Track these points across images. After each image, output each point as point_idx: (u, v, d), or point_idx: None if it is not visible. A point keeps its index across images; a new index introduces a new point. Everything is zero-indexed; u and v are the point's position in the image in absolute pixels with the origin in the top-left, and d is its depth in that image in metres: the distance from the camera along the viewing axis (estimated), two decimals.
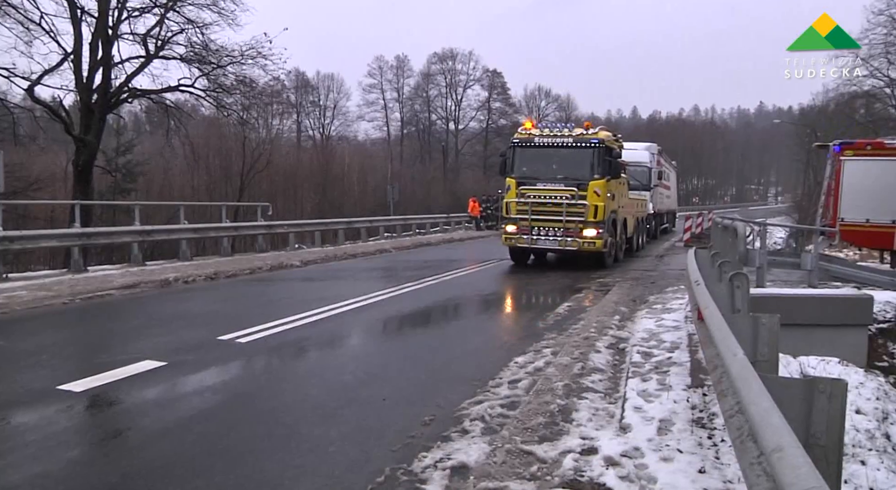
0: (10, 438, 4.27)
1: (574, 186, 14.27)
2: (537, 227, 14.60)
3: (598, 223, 14.21)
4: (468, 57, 67.34)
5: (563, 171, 14.67)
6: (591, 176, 14.29)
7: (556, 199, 14.42)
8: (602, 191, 14.23)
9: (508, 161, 15.17)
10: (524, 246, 14.92)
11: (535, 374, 5.84)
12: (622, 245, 16.56)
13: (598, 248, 14.27)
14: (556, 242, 14.48)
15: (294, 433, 4.40)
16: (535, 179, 14.71)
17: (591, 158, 14.37)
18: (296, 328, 7.80)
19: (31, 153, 26.86)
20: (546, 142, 14.81)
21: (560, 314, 8.96)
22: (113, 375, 5.58)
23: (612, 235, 15.01)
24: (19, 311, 8.73)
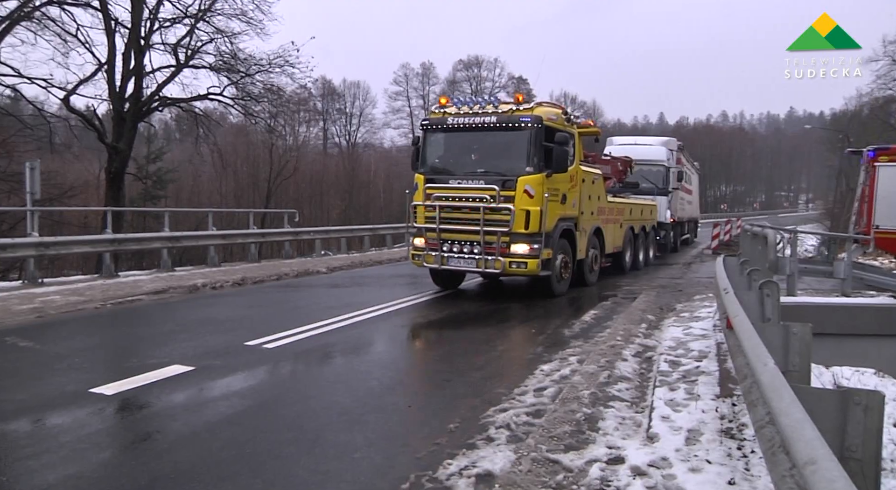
0: (45, 439, 4.36)
1: (496, 184, 10.09)
2: (449, 241, 10.59)
3: (530, 236, 10.07)
4: (493, 64, 67.40)
5: (485, 162, 10.69)
6: (521, 169, 10.14)
7: (471, 201, 10.29)
8: (537, 190, 10.05)
9: (420, 151, 11.27)
10: (433, 266, 10.95)
11: (560, 381, 5.79)
12: (593, 264, 12.72)
13: (530, 270, 10.13)
14: (473, 262, 10.36)
15: (319, 439, 4.42)
16: (449, 175, 10.76)
17: (521, 144, 10.20)
18: (322, 334, 7.85)
19: (66, 161, 27.54)
20: (462, 123, 10.64)
21: (586, 322, 8.89)
22: (143, 379, 5.67)
23: (564, 252, 11.11)
24: (53, 315, 8.92)
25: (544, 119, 10.28)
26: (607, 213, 13.46)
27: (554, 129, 10.48)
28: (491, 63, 67.50)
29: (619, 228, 14.43)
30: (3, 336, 7.51)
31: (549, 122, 10.42)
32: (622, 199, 15.05)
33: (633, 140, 22.78)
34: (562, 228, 10.91)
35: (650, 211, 17.36)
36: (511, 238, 10.12)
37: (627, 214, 15.06)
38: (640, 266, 16.18)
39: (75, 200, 22.64)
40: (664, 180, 19.93)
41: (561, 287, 11.15)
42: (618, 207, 14.36)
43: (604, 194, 13.27)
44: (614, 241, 14.11)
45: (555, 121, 10.65)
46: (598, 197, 12.79)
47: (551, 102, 11.61)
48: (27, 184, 12.68)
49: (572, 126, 11.45)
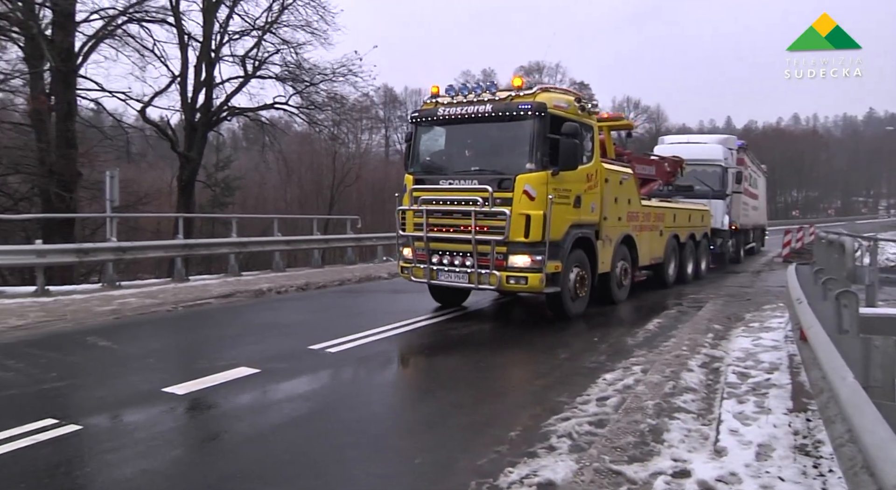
0: (122, 435, 4.56)
1: (491, 184, 8.53)
2: (439, 252, 9.12)
3: (531, 245, 8.41)
4: (555, 69, 66.86)
5: (480, 159, 9.20)
6: (520, 166, 8.54)
7: (461, 205, 8.75)
8: (540, 190, 8.43)
9: (410, 148, 9.93)
10: (421, 281, 9.50)
11: (624, 391, 5.67)
12: (622, 278, 11.02)
13: (531, 286, 8.50)
14: (465, 276, 8.82)
15: (380, 443, 4.46)
16: (440, 174, 9.27)
17: (521, 136, 8.67)
18: (383, 339, 7.94)
19: (141, 170, 28.82)
20: (453, 114, 9.12)
21: (650, 331, 8.68)
22: (212, 380, 5.86)
23: (580, 265, 9.40)
24: (130, 316, 9.34)
25: (549, 106, 8.64)
26: (641, 218, 11.69)
27: (562, 118, 8.79)
28: (552, 69, 67.05)
29: (658, 237, 12.62)
30: (86, 335, 7.92)
31: (556, 110, 8.78)
32: (663, 204, 13.22)
33: (686, 138, 20.85)
34: (575, 237, 9.17)
35: (701, 217, 15.32)
36: (508, 248, 8.46)
37: (670, 221, 13.20)
38: (687, 279, 14.28)
39: (149, 207, 23.66)
40: (721, 182, 17.54)
41: (577, 306, 9.42)
42: (656, 212, 12.49)
43: (636, 197, 11.49)
44: (652, 252, 12.36)
45: (564, 109, 8.99)
46: (627, 200, 11.02)
47: (561, 88, 9.81)
48: (107, 191, 13.34)
49: (589, 116, 9.72)
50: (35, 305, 9.78)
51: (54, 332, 8.19)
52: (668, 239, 13.13)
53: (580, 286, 9.43)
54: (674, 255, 13.63)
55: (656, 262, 12.69)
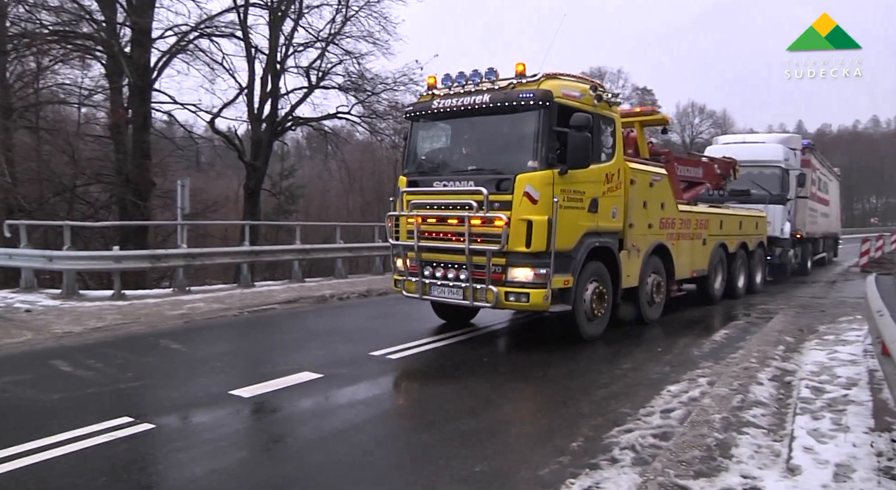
0: (191, 435, 4.73)
1: (488, 185, 7.46)
2: (431, 264, 8.11)
3: (534, 256, 7.31)
4: (617, 75, 65.84)
5: (478, 156, 8.20)
6: (521, 163, 7.46)
7: (455, 210, 7.73)
8: (543, 192, 7.30)
9: (406, 147, 9.06)
10: (413, 296, 8.39)
11: (689, 404, 5.51)
12: (654, 293, 9.66)
13: (533, 304, 7.36)
14: (460, 291, 7.79)
15: (439, 451, 4.47)
16: (434, 176, 8.21)
17: (522, 130, 7.67)
18: (444, 346, 7.96)
19: (210, 178, 29.97)
20: (449, 106, 8.08)
21: (716, 342, 8.41)
22: (276, 384, 6.01)
23: (598, 279, 8.20)
24: (198, 320, 9.68)
25: (555, 95, 7.50)
26: (679, 226, 10.35)
27: (571, 108, 7.65)
28: (614, 74, 66.04)
29: (700, 246, 11.25)
30: (158, 338, 8.26)
31: (564, 99, 7.66)
32: (706, 209, 11.89)
33: (742, 138, 19.04)
34: (591, 246, 7.95)
35: (755, 224, 13.78)
36: (507, 260, 7.38)
37: (715, 228, 11.82)
38: (738, 294, 13.00)
39: (217, 215, 24.51)
40: (780, 185, 15.72)
41: (593, 328, 8.20)
42: (698, 219, 11.13)
43: (671, 201, 10.13)
44: (693, 263, 11.02)
45: (575, 98, 7.84)
46: (660, 204, 9.69)
47: (573, 75, 8.30)
48: (178, 200, 13.92)
49: (609, 108, 8.48)
50: (112, 308, 10.26)
51: (130, 334, 8.57)
52: (714, 249, 11.77)
53: (597, 304, 8.17)
54: (721, 266, 12.27)
55: (699, 274, 11.38)
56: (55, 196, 18.88)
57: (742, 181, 14.73)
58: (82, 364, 6.76)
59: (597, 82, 8.48)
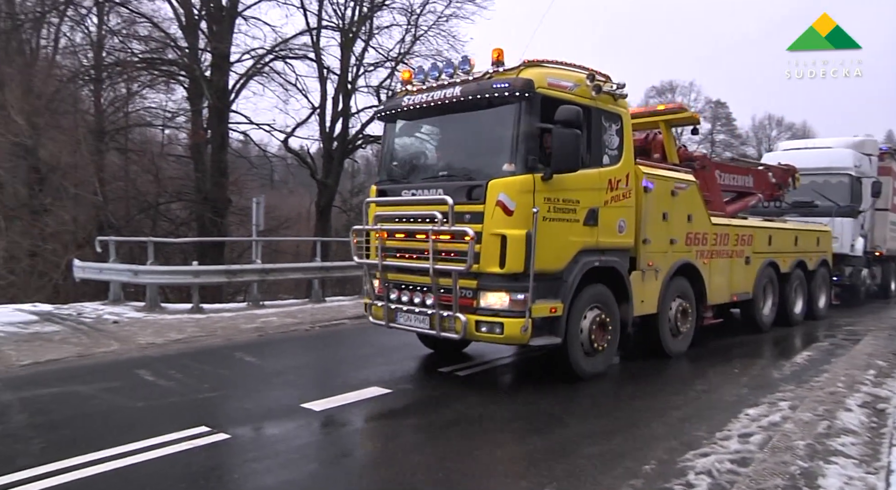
0: (265, 446, 4.86)
1: (457, 193, 6.32)
2: (398, 286, 7.02)
3: (511, 279, 6.12)
4: (689, 88, 64.17)
5: (449, 160, 7.13)
6: (494, 167, 6.33)
7: (420, 223, 6.60)
8: (520, 200, 6.10)
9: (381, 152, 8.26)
10: (380, 323, 7.26)
11: (769, 428, 5.25)
12: (680, 322, 8.22)
13: (509, 336, 6.12)
14: (426, 319, 6.64)
15: (507, 470, 4.42)
16: (404, 183, 7.20)
17: (496, 127, 6.55)
18: (512, 363, 7.91)
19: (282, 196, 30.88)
20: (417, 103, 7.01)
21: (798, 364, 8.00)
22: (346, 398, 6.09)
23: (599, 305, 6.92)
24: (271, 334, 9.97)
25: (538, 85, 6.31)
26: (712, 241, 8.88)
27: (559, 100, 6.38)
28: (686, 87, 64.43)
29: (742, 265, 9.73)
30: (233, 351, 8.55)
31: (552, 90, 6.46)
32: (748, 222, 10.24)
33: (804, 143, 17.21)
34: (587, 266, 6.66)
35: (816, 239, 12.04)
36: (479, 282, 6.22)
37: (762, 244, 10.25)
38: (794, 320, 11.27)
39: (290, 231, 25.24)
40: (850, 196, 13.77)
41: (594, 364, 6.92)
42: (738, 233, 9.58)
43: (702, 212, 8.67)
44: (732, 285, 9.49)
45: (565, 89, 6.61)
46: (686, 217, 8.33)
47: (566, 63, 6.94)
48: (253, 217, 14.42)
49: (613, 101, 7.16)
50: (191, 321, 10.70)
51: (207, 346, 8.91)
52: (761, 268, 10.17)
53: (599, 335, 6.87)
54: (770, 289, 10.60)
55: (741, 298, 9.79)
56: (140, 213, 19.93)
57: (804, 191, 13.34)
58: (164, 374, 7.07)
59: (596, 71, 6.99)
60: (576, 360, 6.74)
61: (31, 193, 16.89)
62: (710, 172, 9.87)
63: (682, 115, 9.57)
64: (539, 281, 6.14)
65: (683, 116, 9.61)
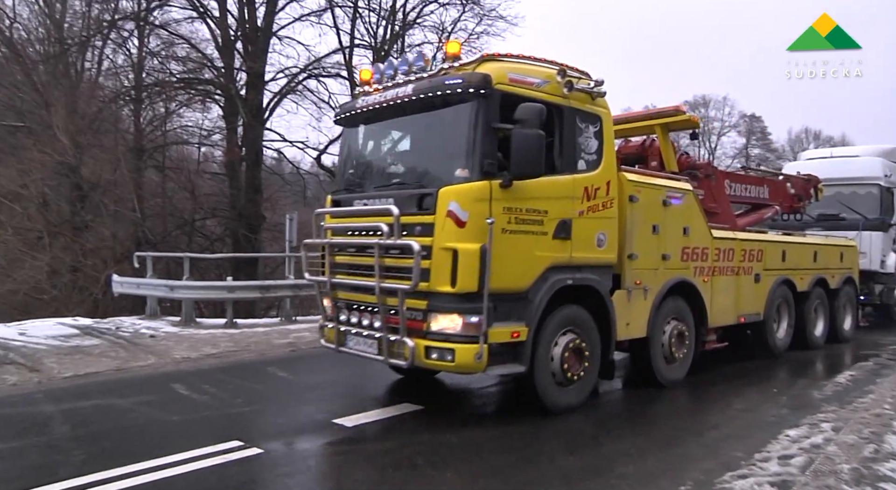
0: (296, 462, 4.89)
1: (407, 203, 5.77)
2: (348, 306, 6.44)
3: (462, 299, 5.42)
4: (722, 102, 63.43)
5: (402, 165, 6.58)
6: (445, 173, 5.71)
7: (363, 236, 6.09)
8: (474, 210, 5.44)
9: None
10: (330, 346, 6.71)
11: (811, 451, 5.10)
12: (675, 347, 7.43)
13: (461, 364, 5.43)
14: (374, 344, 6.01)
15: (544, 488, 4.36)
16: (358, 192, 6.59)
17: (451, 128, 5.87)
18: None
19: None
20: (372, 104, 6.42)
21: (840, 384, 7.77)
22: (377, 414, 6.11)
23: (575, 329, 6.19)
24: (304, 349, 10.04)
25: (496, 80, 5.63)
26: (713, 257, 8.09)
27: (519, 97, 5.70)
28: (719, 102, 63.70)
29: (751, 283, 8.86)
30: (266, 365, 8.64)
31: (511, 86, 5.77)
32: (757, 236, 9.34)
33: (829, 151, 16.19)
34: (558, 285, 5.95)
35: (839, 255, 11.04)
36: (429, 302, 5.53)
37: (775, 260, 9.37)
38: (814, 343, 10.33)
39: None
40: (880, 207, 12.71)
41: (567, 396, 6.15)
42: (745, 248, 8.73)
43: (700, 225, 7.91)
44: (739, 305, 8.64)
45: (530, 86, 5.92)
46: (681, 229, 7.58)
47: (533, 57, 6.23)
48: (286, 233, 14.61)
49: (590, 100, 6.43)
50: (225, 336, 10.85)
51: (240, 360, 9.02)
52: (773, 287, 9.27)
53: (574, 363, 6.10)
54: (786, 309, 9.76)
55: (751, 320, 8.91)
56: (177, 229, 20.37)
57: (829, 203, 12.45)
58: (198, 388, 7.16)
59: (568, 66, 6.30)
60: (545, 392, 5.98)
61: (73, 210, 17.40)
62: (718, 182, 9.26)
63: (678, 119, 8.72)
64: (499, 301, 5.51)
65: (680, 120, 8.78)
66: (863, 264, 12.08)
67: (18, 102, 17.97)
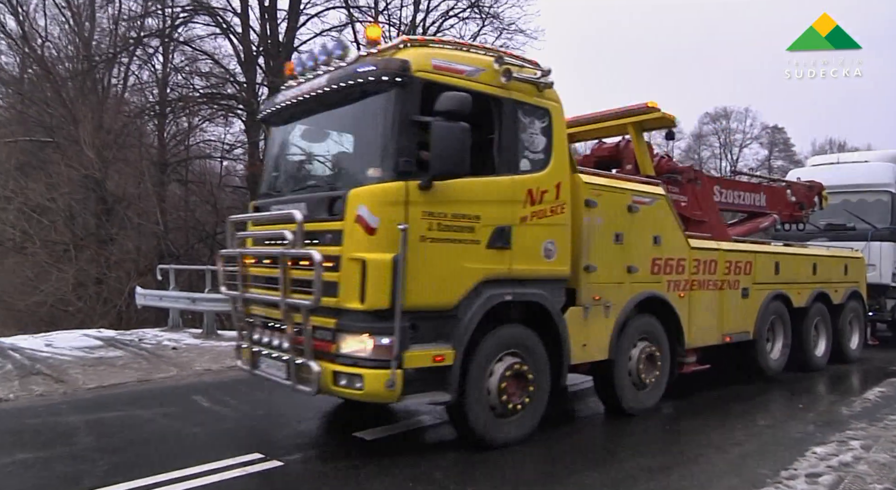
0: (316, 475, 4.91)
1: (318, 207, 5.15)
2: (260, 323, 5.80)
3: (375, 316, 4.72)
4: (744, 114, 62.93)
5: (318, 166, 6.28)
6: (356, 173, 5.24)
7: (269, 246, 5.54)
8: (386, 215, 4.76)
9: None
10: (245, 369, 6.11)
11: (840, 469, 4.98)
12: (643, 372, 6.61)
13: (369, 392, 4.71)
14: (283, 367, 5.32)
15: None
16: (276, 197, 5.98)
17: (368, 122, 5.24)
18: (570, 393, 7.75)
19: None
20: (288, 99, 5.84)
21: (870, 400, 7.60)
22: (397, 428, 6.11)
23: (517, 352, 5.43)
24: None
25: (416, 67, 4.96)
26: (690, 269, 7.24)
27: (445, 86, 5.01)
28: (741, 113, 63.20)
29: (738, 299, 8.00)
30: None
31: (434, 73, 5.07)
32: (745, 246, 8.44)
33: (836, 157, 15.23)
34: (494, 301, 5.23)
35: (843, 267, 10.16)
36: (339, 321, 4.87)
37: (766, 273, 8.49)
38: (815, 364, 9.45)
39: None
40: (891, 216, 11.87)
41: (508, 429, 5.39)
42: (730, 259, 7.89)
43: (674, 233, 7.09)
44: (724, 323, 7.78)
45: (459, 74, 5.21)
46: (651, 238, 6.77)
47: (467, 44, 5.72)
48: None
49: (536, 92, 5.71)
50: None
51: None
52: (766, 302, 8.41)
53: (515, 392, 5.38)
54: (781, 327, 8.86)
55: (738, 339, 8.01)
56: (199, 242, 20.60)
57: (836, 212, 11.74)
58: (219, 400, 7.21)
59: (509, 53, 5.77)
60: (479, 424, 5.22)
61: (98, 223, 17.71)
62: (705, 188, 8.51)
63: (652, 117, 7.75)
64: (421, 320, 4.87)
65: (654, 118, 7.77)
66: (872, 278, 11.27)
67: (48, 118, 18.39)
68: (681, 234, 7.19)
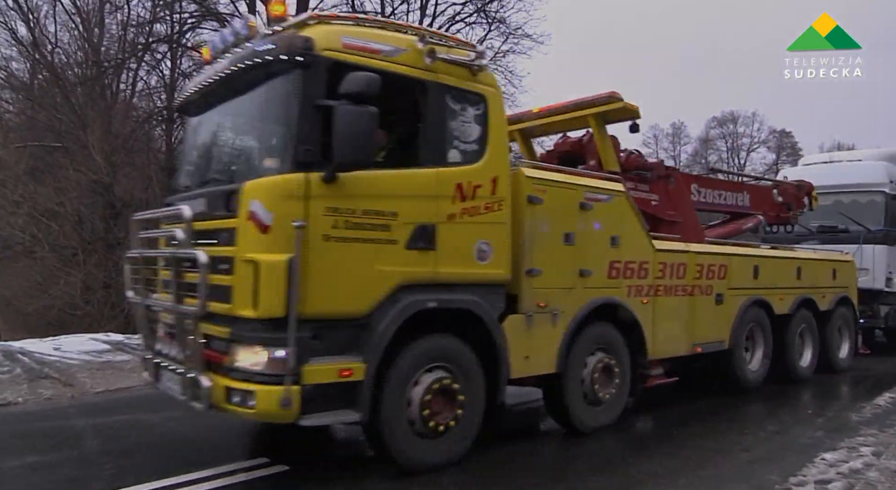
0: (323, 479, 4.89)
1: (216, 203, 4.61)
2: (163, 332, 5.19)
3: (269, 325, 4.16)
4: (751, 118, 62.77)
5: (218, 158, 5.60)
6: (251, 165, 5.26)
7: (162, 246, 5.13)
8: (281, 211, 4.19)
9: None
10: (150, 381, 5.46)
11: (850, 476, 4.94)
12: (600, 386, 6.01)
13: (261, 410, 4.13)
14: (179, 380, 4.63)
15: None
16: (184, 192, 5.37)
17: (267, 107, 4.86)
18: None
19: None
20: (198, 84, 5.33)
21: (880, 406, 7.54)
22: None
23: (443, 367, 4.84)
24: None
25: (320, 46, 4.40)
26: (654, 272, 6.63)
27: (357, 67, 4.45)
28: (748, 118, 63.03)
29: (710, 305, 7.40)
30: None
31: (343, 52, 4.51)
32: (717, 248, 7.79)
33: (829, 156, 15.07)
34: (415, 308, 4.67)
35: (831, 271, 9.54)
36: (233, 330, 4.32)
37: (743, 277, 7.91)
38: (800, 375, 8.86)
39: None
40: (885, 218, 11.29)
41: (430, 451, 4.84)
42: (698, 262, 7.25)
43: (636, 233, 6.50)
44: (694, 332, 7.18)
45: (371, 53, 4.64)
46: (608, 239, 6.17)
47: (388, 21, 5.47)
48: None
49: (469, 76, 5.14)
50: None
51: None
52: (743, 309, 7.82)
53: (441, 410, 4.81)
54: (760, 336, 8.25)
55: (711, 349, 7.41)
56: None
57: (828, 214, 11.30)
58: None
59: (434, 31, 5.32)
60: (397, 446, 4.66)
61: (106, 228, 17.78)
62: (679, 186, 7.87)
63: (613, 107, 6.94)
64: (326, 329, 4.34)
65: (616, 108, 6.95)
66: (865, 282, 10.73)
67: (57, 123, 18.52)
68: (644, 235, 6.58)
